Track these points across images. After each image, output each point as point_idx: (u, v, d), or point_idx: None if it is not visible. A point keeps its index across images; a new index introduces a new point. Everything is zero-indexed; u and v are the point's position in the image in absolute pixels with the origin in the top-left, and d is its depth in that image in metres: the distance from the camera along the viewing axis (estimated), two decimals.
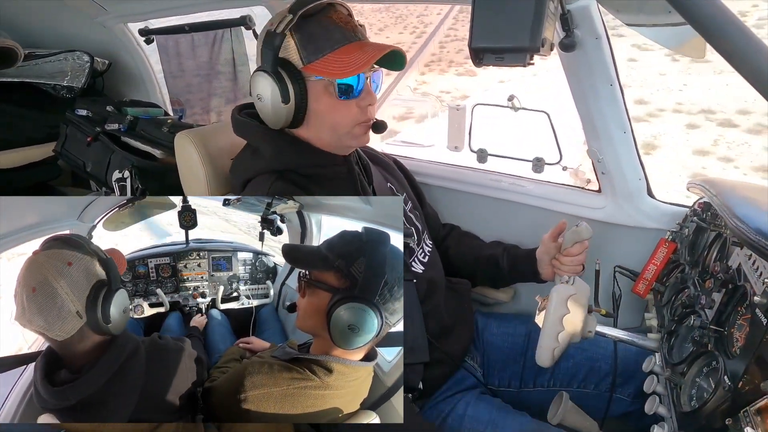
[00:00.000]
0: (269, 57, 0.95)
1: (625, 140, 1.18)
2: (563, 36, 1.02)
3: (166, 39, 2.12)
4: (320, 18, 0.97)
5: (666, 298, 1.07)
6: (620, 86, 1.13)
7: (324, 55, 0.96)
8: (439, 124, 1.37)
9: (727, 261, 0.87)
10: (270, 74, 0.95)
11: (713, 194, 0.98)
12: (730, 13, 0.46)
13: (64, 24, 2.20)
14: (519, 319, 1.30)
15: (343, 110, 1.00)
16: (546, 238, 1.13)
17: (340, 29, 0.98)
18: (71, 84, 2.19)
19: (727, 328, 0.77)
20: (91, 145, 2.00)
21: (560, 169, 1.29)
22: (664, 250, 1.16)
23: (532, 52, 0.57)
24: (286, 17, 0.94)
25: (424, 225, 1.22)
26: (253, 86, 0.99)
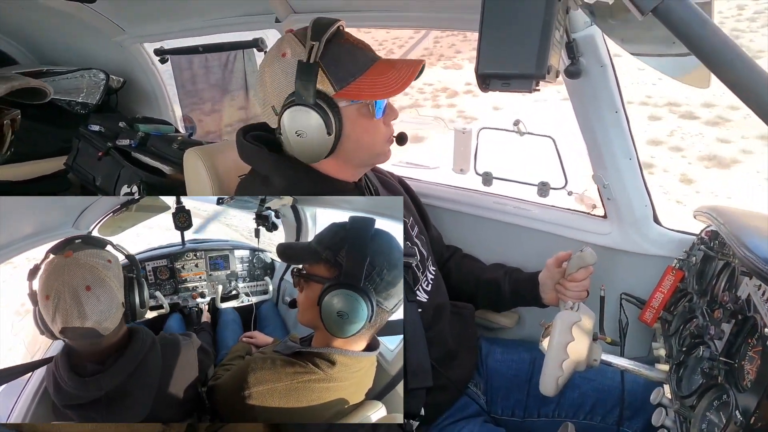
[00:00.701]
0: (307, 90, 0.90)
1: (630, 167, 1.19)
2: (569, 63, 1.04)
3: (179, 58, 2.18)
4: (338, 42, 0.95)
5: (674, 328, 1.05)
6: (626, 113, 1.14)
7: (355, 78, 0.94)
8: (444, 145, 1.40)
9: (736, 291, 0.85)
10: (312, 108, 0.91)
11: (721, 223, 0.98)
12: (734, 45, 0.47)
13: (83, 43, 2.27)
14: (523, 345, 1.28)
15: (377, 129, 1.00)
16: (550, 262, 1.12)
17: (360, 50, 0.97)
18: (86, 100, 2.25)
19: (738, 360, 0.75)
20: (101, 160, 2.04)
21: (566, 194, 1.30)
22: (671, 278, 1.14)
23: (538, 78, 0.58)
24: (313, 45, 0.89)
25: (429, 251, 1.21)
26: (290, 122, 0.92)
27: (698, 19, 0.47)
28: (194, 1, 1.71)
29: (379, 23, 1.47)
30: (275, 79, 0.94)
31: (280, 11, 1.52)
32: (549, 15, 0.55)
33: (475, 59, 0.59)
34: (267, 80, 0.96)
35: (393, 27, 1.60)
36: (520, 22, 0.56)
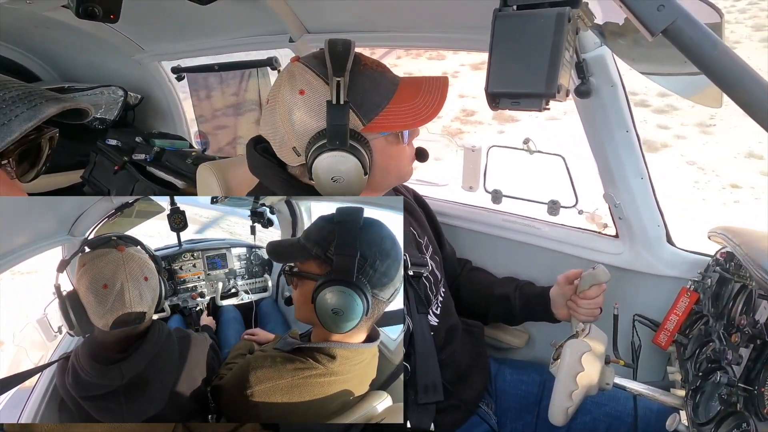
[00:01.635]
0: (341, 133, 0.84)
1: (642, 186, 1.18)
2: (579, 83, 1.05)
3: (196, 76, 2.24)
4: (358, 70, 0.87)
5: (689, 352, 1.02)
6: (636, 133, 1.13)
7: (382, 109, 0.88)
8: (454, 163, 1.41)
9: (754, 315, 0.83)
10: (349, 152, 0.85)
11: (736, 244, 0.96)
12: (745, 65, 0.47)
13: (104, 60, 2.35)
14: (533, 366, 1.25)
15: (404, 153, 0.96)
16: (561, 279, 1.10)
17: (381, 74, 0.91)
18: (104, 116, 2.32)
19: (757, 387, 0.73)
20: (117, 174, 2.09)
21: (576, 213, 1.28)
22: (686, 300, 1.12)
23: (548, 98, 0.59)
24: (338, 83, 0.82)
25: (443, 273, 1.18)
26: (326, 169, 0.86)
27: (709, 40, 0.47)
28: (211, 22, 1.77)
29: (391, 43, 1.49)
30: (295, 119, 0.87)
31: (294, 31, 1.56)
32: (559, 35, 0.56)
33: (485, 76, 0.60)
34: (283, 120, 0.89)
35: (404, 46, 1.63)
36: (530, 42, 0.57)
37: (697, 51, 0.48)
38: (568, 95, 0.73)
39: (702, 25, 0.48)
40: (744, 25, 9.07)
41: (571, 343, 0.85)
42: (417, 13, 1.30)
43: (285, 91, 0.88)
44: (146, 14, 1.77)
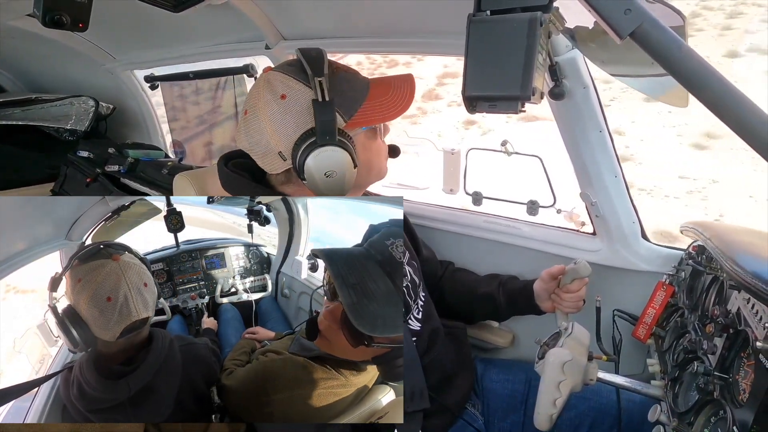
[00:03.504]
0: (330, 128, 0.87)
1: (616, 184, 1.21)
2: (552, 85, 1.07)
3: (170, 85, 2.20)
4: (332, 72, 0.91)
5: (667, 344, 1.05)
6: (609, 133, 1.17)
7: (361, 104, 0.92)
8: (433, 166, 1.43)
9: (726, 305, 0.86)
10: (339, 146, 0.88)
11: (707, 237, 0.99)
12: (708, 66, 0.49)
13: (73, 70, 2.29)
14: (519, 365, 1.26)
15: (380, 149, 1.01)
16: (545, 274, 1.11)
17: (353, 75, 0.96)
18: (75, 127, 2.25)
19: (732, 374, 0.75)
20: (89, 186, 2.03)
21: (555, 212, 1.31)
22: (662, 294, 1.15)
23: (524, 100, 0.60)
24: (320, 82, 0.86)
25: (421, 277, 1.19)
26: (318, 166, 0.88)
27: (674, 42, 0.49)
28: (184, 29, 1.74)
29: (366, 48, 1.50)
30: (279, 124, 0.89)
31: (270, 38, 1.55)
32: (532, 39, 0.57)
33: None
34: (267, 127, 0.90)
35: (379, 52, 1.63)
36: (504, 46, 0.58)
37: (663, 53, 0.49)
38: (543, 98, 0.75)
39: (667, 28, 0.49)
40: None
41: (553, 353, 0.86)
42: (393, 19, 1.31)
43: (265, 98, 0.90)
44: (117, 22, 1.73)
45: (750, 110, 0.48)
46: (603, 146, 1.16)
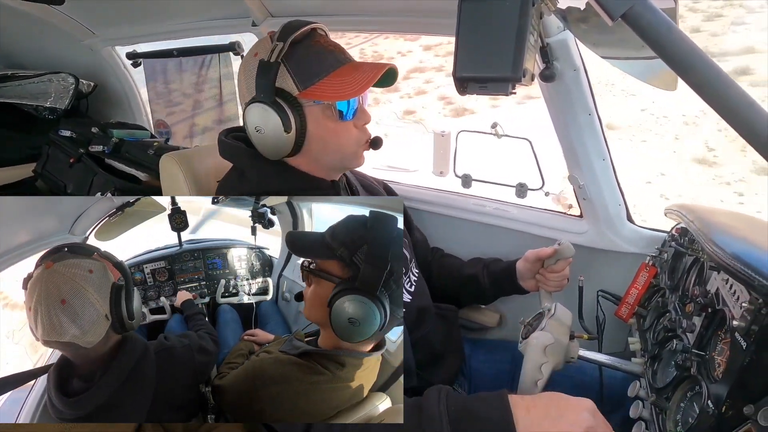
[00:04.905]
0: (266, 88, 0.93)
1: (604, 167, 1.22)
2: (543, 67, 1.07)
3: (153, 62, 2.13)
4: (309, 43, 0.96)
5: (648, 323, 1.08)
6: (598, 116, 1.17)
7: (320, 79, 0.95)
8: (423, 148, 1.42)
9: (705, 285, 0.89)
10: (269, 105, 0.93)
11: (690, 220, 1.01)
12: (698, 49, 0.49)
13: (51, 45, 2.20)
14: (505, 345, 1.29)
15: (345, 132, 1.00)
16: (531, 255, 1.12)
17: (331, 53, 0.97)
18: (54, 105, 2.18)
19: (709, 351, 0.78)
20: (73, 167, 1.98)
21: (543, 195, 1.32)
22: (645, 275, 1.18)
23: (514, 81, 0.60)
24: (277, 46, 0.92)
25: (412, 253, 1.21)
26: (250, 119, 0.95)
27: (665, 25, 0.49)
28: (168, 4, 1.68)
29: (355, 27, 1.47)
30: (247, 77, 0.97)
31: (257, 15, 1.51)
32: (523, 19, 0.56)
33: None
34: (241, 78, 0.99)
35: (369, 31, 1.60)
36: (495, 27, 0.57)
37: (653, 35, 0.49)
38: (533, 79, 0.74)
39: (658, 10, 0.49)
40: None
41: (535, 336, 0.88)
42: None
43: (248, 55, 1.00)
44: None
45: (737, 94, 0.48)
46: (592, 129, 1.17)
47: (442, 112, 7.68)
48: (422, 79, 9.84)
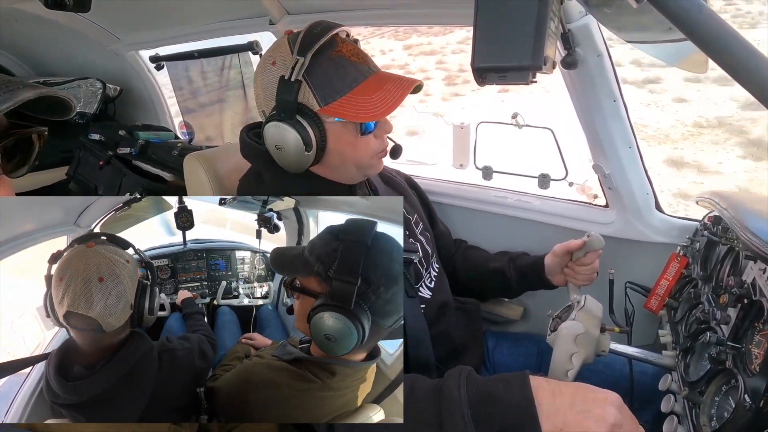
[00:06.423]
0: (287, 106, 0.90)
1: (631, 155, 1.18)
2: (565, 54, 1.04)
3: (175, 64, 2.18)
4: (330, 54, 0.92)
5: (680, 314, 1.04)
6: (624, 102, 1.13)
7: (341, 96, 0.92)
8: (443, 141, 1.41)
9: (741, 275, 0.85)
10: (290, 124, 0.91)
11: (723, 208, 0.97)
12: (730, 29, 0.46)
13: (78, 52, 2.27)
14: (530, 338, 1.28)
15: (365, 145, 0.98)
16: (559, 249, 1.10)
17: (352, 65, 0.94)
18: (83, 110, 2.26)
19: (745, 344, 0.75)
20: (103, 169, 2.05)
21: (566, 185, 1.29)
22: (676, 265, 1.14)
23: (535, 70, 0.58)
24: (298, 61, 0.88)
25: (434, 248, 1.20)
26: (270, 136, 0.94)
27: (694, 5, 0.47)
28: (187, 7, 1.71)
29: (374, 21, 1.46)
30: (265, 87, 0.95)
31: (274, 13, 1.52)
32: (543, 6, 0.55)
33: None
34: (259, 86, 0.96)
35: (387, 24, 1.59)
36: (514, 14, 0.56)
37: (682, 16, 0.47)
38: (555, 67, 0.72)
39: None
40: None
41: (565, 326, 0.86)
42: None
43: (264, 60, 0.96)
44: (120, 2, 1.71)
45: None
46: (617, 116, 1.13)
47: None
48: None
